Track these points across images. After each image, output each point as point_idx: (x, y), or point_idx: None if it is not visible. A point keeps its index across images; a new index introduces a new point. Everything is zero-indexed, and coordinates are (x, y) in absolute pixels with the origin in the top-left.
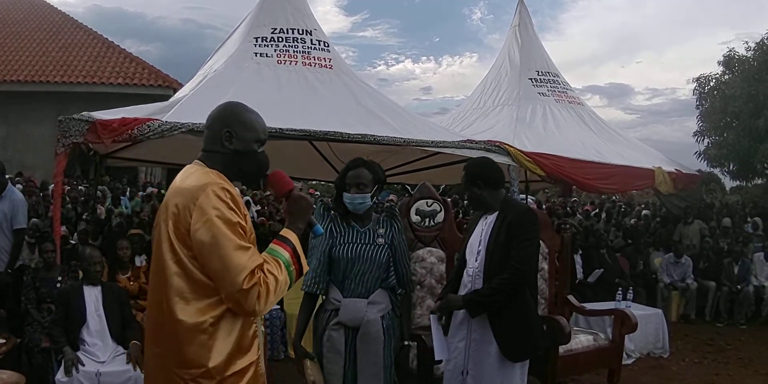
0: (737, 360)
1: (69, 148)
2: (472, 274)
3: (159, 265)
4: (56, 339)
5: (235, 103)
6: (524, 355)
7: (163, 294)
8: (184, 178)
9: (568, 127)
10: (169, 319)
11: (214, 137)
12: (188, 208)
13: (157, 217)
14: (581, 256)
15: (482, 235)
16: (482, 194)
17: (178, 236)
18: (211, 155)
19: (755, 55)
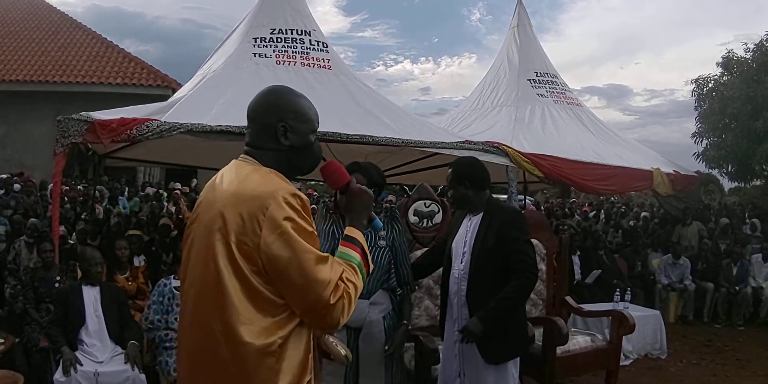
0: (735, 361)
1: (68, 147)
2: (458, 277)
3: (210, 283)
4: (54, 339)
5: (282, 89)
6: (501, 359)
7: (217, 315)
8: (239, 180)
9: (566, 128)
10: (229, 344)
11: (265, 132)
12: (256, 218)
13: (199, 226)
14: (579, 257)
15: (467, 236)
16: (468, 194)
17: (241, 250)
18: (262, 152)
19: (754, 56)
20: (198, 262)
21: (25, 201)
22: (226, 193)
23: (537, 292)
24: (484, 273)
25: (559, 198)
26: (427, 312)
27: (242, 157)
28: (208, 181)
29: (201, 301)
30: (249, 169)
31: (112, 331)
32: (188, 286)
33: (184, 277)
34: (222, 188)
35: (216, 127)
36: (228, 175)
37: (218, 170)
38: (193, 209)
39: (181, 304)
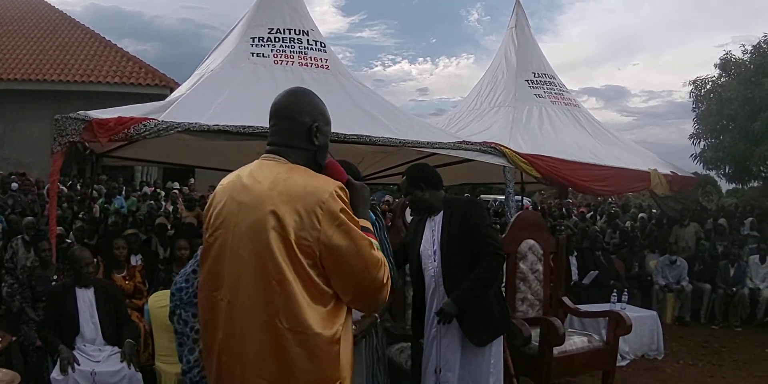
0: (732, 362)
1: (65, 146)
2: (434, 275)
3: (269, 283)
4: (48, 341)
5: (310, 91)
6: (488, 339)
7: (282, 313)
8: (282, 178)
9: (564, 129)
10: (300, 338)
11: (299, 131)
12: (314, 213)
13: (234, 230)
14: (576, 257)
15: (434, 236)
16: (425, 196)
17: (300, 246)
18: (293, 151)
19: (752, 58)
20: (245, 265)
21: (22, 200)
22: (273, 192)
23: (534, 292)
24: (457, 264)
25: (556, 199)
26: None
27: (268, 156)
28: (223, 181)
29: (257, 303)
30: (285, 167)
31: (108, 332)
32: (230, 292)
33: (217, 285)
34: (261, 188)
35: (213, 126)
36: (259, 175)
37: (216, 170)
38: (212, 216)
39: (215, 312)
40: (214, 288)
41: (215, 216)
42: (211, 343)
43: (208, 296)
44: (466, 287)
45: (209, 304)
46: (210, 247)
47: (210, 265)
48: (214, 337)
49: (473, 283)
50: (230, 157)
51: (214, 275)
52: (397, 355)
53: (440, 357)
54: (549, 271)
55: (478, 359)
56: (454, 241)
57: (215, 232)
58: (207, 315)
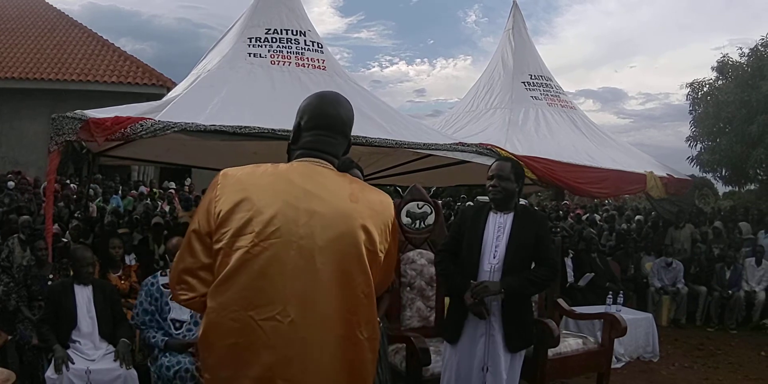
0: (727, 365)
1: (62, 146)
2: (489, 270)
3: (358, 294)
4: (45, 338)
5: (346, 99)
6: (523, 346)
7: (363, 324)
8: (358, 190)
9: (560, 131)
10: (373, 344)
11: (344, 146)
12: (388, 227)
13: (316, 237)
14: (572, 259)
15: (500, 231)
16: (515, 190)
17: (379, 257)
18: (335, 163)
19: (749, 61)
20: (320, 279)
21: (18, 199)
22: (358, 205)
23: None
24: (519, 264)
25: (552, 200)
26: (419, 313)
27: (319, 162)
28: (244, 178)
29: (336, 319)
30: (346, 177)
31: (104, 330)
32: (295, 310)
33: (260, 303)
34: (340, 199)
35: (210, 126)
36: (327, 183)
37: (213, 170)
38: (252, 221)
39: (254, 335)
40: (252, 306)
41: (263, 222)
42: (241, 371)
43: (239, 317)
44: (520, 278)
45: (241, 326)
46: (251, 260)
47: (250, 280)
48: (247, 364)
49: (527, 280)
50: (227, 157)
51: (258, 291)
52: (392, 356)
53: (488, 356)
54: None
55: (516, 365)
56: (524, 243)
57: (262, 242)
58: (236, 339)
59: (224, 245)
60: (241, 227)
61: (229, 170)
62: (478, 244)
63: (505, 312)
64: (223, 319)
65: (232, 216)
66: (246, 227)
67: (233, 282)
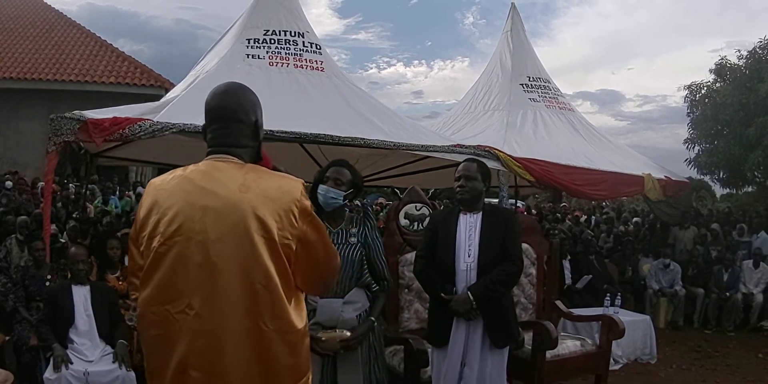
0: (725, 367)
1: (60, 146)
2: (466, 268)
3: (255, 285)
4: (44, 337)
5: (246, 86)
6: (508, 342)
7: (268, 316)
8: (251, 179)
9: (558, 133)
10: (285, 338)
11: (248, 132)
12: (291, 212)
13: (200, 236)
14: (570, 261)
15: (472, 230)
16: (482, 190)
17: (282, 245)
18: (243, 151)
19: (747, 63)
20: (221, 272)
21: (16, 199)
22: (248, 194)
23: (527, 296)
24: (492, 262)
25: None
26: (416, 315)
27: (218, 157)
28: (157, 184)
29: (238, 310)
30: (245, 168)
31: (101, 331)
32: (199, 303)
33: (172, 298)
34: (230, 191)
35: None
36: (221, 177)
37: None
38: (159, 222)
39: (170, 327)
40: (167, 301)
41: (167, 223)
42: (164, 361)
43: (157, 311)
44: (486, 282)
45: (160, 319)
46: (162, 257)
47: (163, 277)
48: (168, 354)
49: (494, 281)
50: None
51: (169, 287)
52: (390, 358)
53: (466, 351)
54: (542, 274)
55: (501, 361)
56: (495, 240)
57: (168, 240)
58: (157, 330)
59: (144, 248)
60: (153, 229)
61: (155, 179)
62: (451, 245)
63: (483, 309)
64: (147, 312)
65: (147, 220)
66: (156, 229)
67: (151, 279)
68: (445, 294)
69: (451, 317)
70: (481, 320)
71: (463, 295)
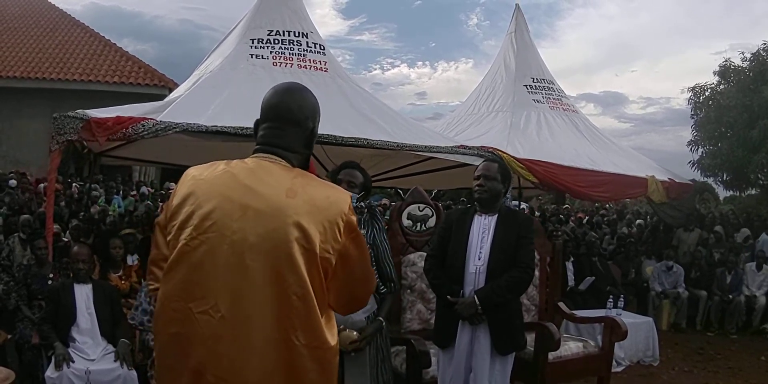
0: (727, 369)
1: (63, 145)
2: (475, 271)
3: (289, 296)
4: (46, 335)
5: (309, 90)
6: (512, 349)
7: (300, 328)
8: (299, 185)
9: (562, 135)
10: (315, 352)
11: (303, 138)
12: (336, 224)
13: (248, 233)
14: (573, 263)
15: (484, 233)
16: (501, 191)
17: (321, 258)
18: (293, 155)
19: (751, 65)
20: (252, 277)
21: (20, 198)
22: (294, 200)
23: (530, 297)
24: (503, 268)
25: (553, 204)
26: (419, 316)
27: (267, 157)
28: (196, 174)
29: (267, 319)
30: (294, 172)
31: (103, 329)
32: (226, 306)
33: (196, 296)
34: (276, 194)
35: (212, 127)
36: (267, 177)
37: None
38: (192, 214)
39: (191, 326)
40: (190, 298)
41: (202, 216)
42: (181, 361)
43: (178, 308)
44: (494, 287)
45: (180, 317)
46: (191, 252)
47: (187, 273)
48: (185, 354)
49: (502, 287)
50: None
51: (193, 285)
52: (392, 358)
53: (473, 357)
54: (545, 276)
55: (505, 368)
56: (507, 244)
57: (201, 235)
58: (176, 329)
59: (172, 237)
60: (185, 220)
61: (191, 168)
62: (463, 247)
63: (489, 315)
64: (167, 308)
65: (180, 210)
66: (188, 220)
67: (175, 273)
68: (451, 296)
69: (456, 319)
70: (486, 325)
71: (469, 299)
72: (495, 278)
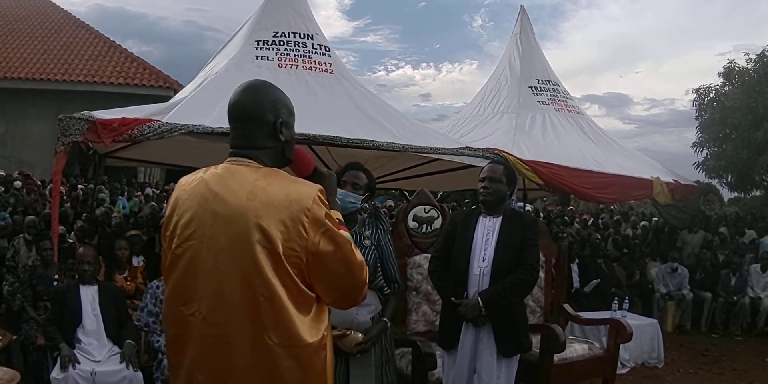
0: (732, 371)
1: (68, 146)
2: (479, 273)
3: (257, 297)
4: (51, 336)
5: (268, 84)
6: (517, 351)
7: (272, 329)
8: (260, 186)
9: (567, 136)
10: (291, 352)
11: (263, 131)
12: (300, 222)
13: (209, 242)
14: (578, 265)
15: (488, 235)
16: (506, 193)
17: (288, 257)
18: (262, 152)
19: (755, 67)
20: (226, 280)
21: (25, 199)
22: (253, 203)
23: (535, 299)
24: (508, 270)
25: (558, 206)
26: (425, 317)
27: (237, 160)
28: (183, 184)
29: (242, 320)
30: (260, 173)
31: (109, 331)
32: (207, 308)
33: (186, 300)
34: (238, 198)
35: (217, 128)
36: (232, 183)
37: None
38: (177, 224)
39: (184, 327)
40: (182, 302)
41: (183, 226)
42: (180, 359)
43: (175, 310)
44: (498, 289)
45: (177, 319)
46: (178, 259)
47: (178, 278)
48: (182, 353)
49: (506, 289)
50: None
51: (183, 289)
52: (398, 360)
53: (477, 359)
54: (550, 278)
55: (510, 370)
56: (512, 246)
57: (184, 243)
58: (175, 330)
59: (165, 247)
60: (173, 229)
61: (183, 178)
62: (467, 248)
63: (493, 317)
64: (167, 311)
65: (170, 219)
66: (175, 229)
67: (170, 279)
68: (455, 298)
69: (460, 321)
70: (490, 327)
71: (473, 301)
72: (499, 280)
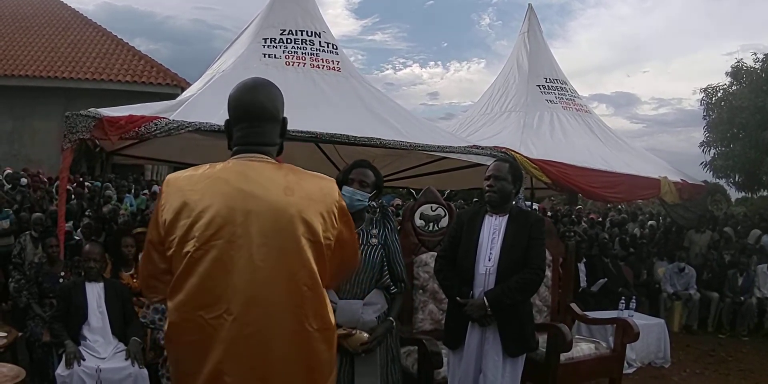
0: (738, 372)
1: (75, 143)
2: (485, 272)
3: (301, 287)
4: (57, 333)
5: (272, 82)
6: (523, 351)
7: (312, 316)
8: (293, 181)
9: (575, 135)
10: (324, 335)
11: (278, 128)
12: (333, 213)
13: (253, 235)
14: (585, 264)
15: (495, 234)
16: (512, 191)
17: (326, 246)
18: (272, 149)
19: (763, 66)
20: (264, 275)
21: (31, 196)
22: (293, 197)
23: (542, 298)
24: (513, 269)
25: (566, 205)
26: (431, 316)
27: (254, 157)
28: (183, 185)
29: (283, 313)
30: (283, 169)
31: (114, 328)
32: (239, 307)
33: (209, 302)
34: (274, 195)
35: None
36: (261, 179)
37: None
38: (192, 226)
39: (204, 332)
40: (202, 306)
41: (203, 227)
42: (199, 367)
43: (192, 316)
44: (504, 288)
45: (195, 325)
46: (197, 262)
47: (197, 282)
48: (203, 360)
49: (512, 288)
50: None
51: (206, 292)
52: (404, 359)
53: (483, 359)
54: (557, 277)
55: (516, 370)
56: (518, 245)
57: (204, 245)
58: (192, 336)
59: (174, 252)
60: (185, 234)
61: (171, 176)
62: (473, 247)
63: (499, 316)
64: (179, 319)
65: (176, 224)
66: (189, 233)
67: (183, 285)
68: (461, 297)
69: (466, 320)
70: (496, 327)
71: (479, 301)
72: (505, 279)
